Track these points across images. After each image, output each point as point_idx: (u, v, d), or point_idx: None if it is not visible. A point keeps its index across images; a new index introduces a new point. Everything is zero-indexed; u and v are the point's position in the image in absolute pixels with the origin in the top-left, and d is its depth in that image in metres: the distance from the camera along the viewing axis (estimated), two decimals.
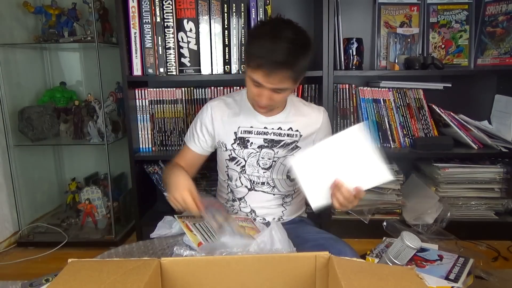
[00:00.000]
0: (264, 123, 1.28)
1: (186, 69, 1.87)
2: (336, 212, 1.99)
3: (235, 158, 1.29)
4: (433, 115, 1.98)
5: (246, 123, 1.28)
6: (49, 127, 2.09)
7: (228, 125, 1.30)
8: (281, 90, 1.12)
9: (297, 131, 1.28)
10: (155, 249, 1.17)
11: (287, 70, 1.07)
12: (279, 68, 1.06)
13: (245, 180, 1.30)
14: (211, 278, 0.72)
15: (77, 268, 0.67)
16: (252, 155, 1.28)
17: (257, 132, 1.27)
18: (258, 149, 1.27)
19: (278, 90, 1.12)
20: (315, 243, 1.13)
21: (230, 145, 1.29)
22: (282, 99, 1.19)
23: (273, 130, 1.27)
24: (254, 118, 1.28)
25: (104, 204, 2.12)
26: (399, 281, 0.62)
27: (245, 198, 1.31)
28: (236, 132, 1.28)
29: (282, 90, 1.13)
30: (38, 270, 1.75)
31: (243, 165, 1.29)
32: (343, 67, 1.91)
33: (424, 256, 1.34)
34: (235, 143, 1.28)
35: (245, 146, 1.28)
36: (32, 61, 2.19)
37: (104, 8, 2.03)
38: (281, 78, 1.08)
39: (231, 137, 1.29)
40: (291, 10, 2.09)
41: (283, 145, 1.28)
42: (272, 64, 1.05)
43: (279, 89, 1.12)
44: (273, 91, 1.12)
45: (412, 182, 2.07)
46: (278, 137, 1.27)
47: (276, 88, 1.11)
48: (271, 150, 1.27)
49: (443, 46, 2.04)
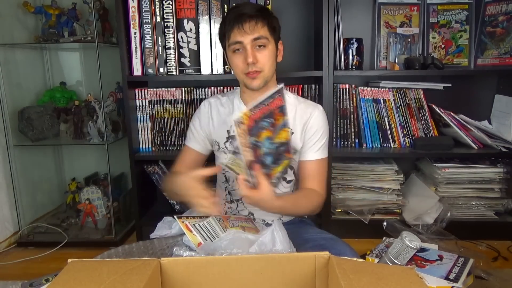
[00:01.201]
0: None
1: (186, 69, 1.87)
2: (336, 212, 1.99)
3: None
4: (433, 115, 1.98)
5: None
6: (49, 127, 2.09)
7: (222, 124, 1.31)
8: (261, 39, 1.16)
9: (290, 128, 1.27)
10: (155, 249, 1.17)
11: (256, 17, 1.15)
12: (248, 17, 1.15)
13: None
14: (211, 278, 0.72)
15: (77, 268, 0.67)
16: None
17: None
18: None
19: (259, 43, 1.16)
20: (315, 243, 1.13)
21: (222, 144, 1.30)
22: (267, 59, 1.20)
23: None
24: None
25: (104, 204, 2.12)
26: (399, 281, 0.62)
27: (243, 199, 1.31)
28: (229, 131, 1.29)
29: (262, 41, 1.16)
30: (38, 270, 1.75)
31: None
32: (343, 67, 1.91)
33: (424, 256, 1.34)
34: (227, 141, 1.29)
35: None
36: (32, 61, 2.19)
37: (104, 8, 2.03)
38: (254, 26, 1.15)
39: (224, 136, 1.30)
40: (291, 10, 2.09)
41: None
42: (241, 16, 1.15)
43: (258, 38, 1.16)
44: (254, 45, 1.16)
45: (412, 182, 2.07)
46: None
47: (256, 37, 1.15)
48: None
49: (443, 46, 2.04)
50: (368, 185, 1.97)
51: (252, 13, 1.16)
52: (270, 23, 1.19)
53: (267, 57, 1.19)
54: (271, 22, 1.19)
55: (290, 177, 1.31)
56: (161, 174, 1.93)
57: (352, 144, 1.99)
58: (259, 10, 1.19)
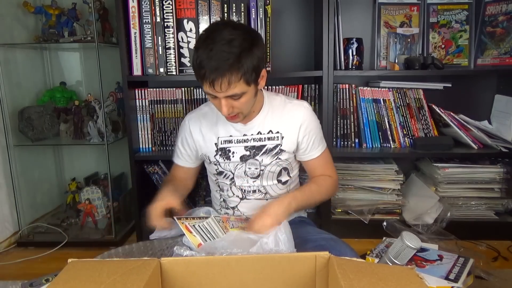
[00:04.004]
0: (243, 130, 1.25)
1: (186, 69, 1.87)
2: (336, 212, 1.99)
3: (223, 172, 1.28)
4: (433, 115, 1.98)
5: (224, 133, 1.26)
6: (49, 127, 2.09)
7: (208, 137, 1.27)
8: (237, 95, 1.06)
9: (278, 132, 1.24)
10: (155, 250, 1.17)
11: (230, 74, 1.01)
12: (221, 74, 1.00)
13: (236, 190, 1.29)
14: (211, 278, 0.72)
15: (77, 268, 0.67)
16: (238, 166, 1.26)
17: (237, 140, 1.25)
18: (242, 162, 1.25)
19: (234, 97, 1.07)
20: (315, 243, 1.13)
21: (213, 157, 1.27)
22: (246, 104, 1.11)
23: (252, 136, 1.24)
24: (231, 126, 1.25)
25: (104, 204, 2.12)
26: (399, 281, 0.62)
27: (238, 207, 1.31)
28: (217, 143, 1.26)
29: (238, 96, 1.07)
30: (38, 270, 1.75)
31: (232, 177, 1.28)
32: (343, 67, 1.91)
33: (424, 256, 1.34)
34: (217, 154, 1.27)
35: (228, 157, 1.26)
36: (32, 61, 2.19)
37: (104, 8, 2.03)
38: (228, 83, 1.02)
39: (212, 149, 1.27)
40: (291, 10, 2.09)
41: (266, 151, 1.24)
42: (213, 72, 1.00)
43: (233, 95, 1.06)
44: (229, 98, 1.07)
45: (412, 182, 2.07)
46: (259, 142, 1.24)
47: (229, 95, 1.05)
48: (256, 160, 1.25)
49: (443, 46, 2.04)
50: (368, 185, 1.97)
51: (223, 70, 1.00)
52: (246, 73, 1.03)
53: (244, 103, 1.10)
54: (247, 71, 1.03)
55: (285, 178, 1.30)
56: (161, 174, 1.93)
57: (352, 144, 1.99)
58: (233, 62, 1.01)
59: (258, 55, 1.06)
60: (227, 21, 1.12)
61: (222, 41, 1.01)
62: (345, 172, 1.99)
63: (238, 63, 1.01)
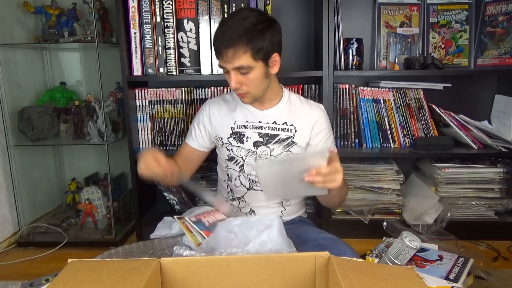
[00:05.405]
0: (259, 117, 1.29)
1: (186, 69, 1.87)
2: (336, 212, 1.99)
3: (234, 157, 1.30)
4: (433, 115, 1.98)
5: (242, 118, 1.30)
6: (49, 127, 2.09)
7: (225, 120, 1.32)
8: (243, 68, 1.13)
9: (292, 125, 1.28)
10: (155, 249, 1.17)
11: (237, 44, 1.10)
12: (229, 44, 1.10)
13: (244, 179, 1.30)
14: (211, 278, 0.72)
15: (77, 268, 0.67)
16: (249, 154, 1.28)
17: (252, 126, 1.29)
18: (255, 148, 1.28)
19: (241, 70, 1.14)
20: (315, 243, 1.13)
21: (226, 139, 1.30)
22: (254, 82, 1.17)
23: (267, 124, 1.28)
24: (249, 113, 1.30)
25: (104, 204, 2.12)
26: (399, 281, 0.62)
27: (244, 197, 1.32)
28: (233, 127, 1.30)
29: (244, 69, 1.13)
30: (38, 270, 1.75)
31: (242, 164, 1.29)
32: (343, 67, 1.91)
33: (424, 256, 1.34)
34: (231, 137, 1.30)
35: (241, 141, 1.29)
36: (32, 61, 2.19)
37: (104, 8, 2.03)
38: (233, 52, 1.11)
39: (227, 132, 1.31)
40: (291, 10, 2.09)
41: (278, 140, 1.27)
42: (223, 43, 1.11)
43: (240, 67, 1.13)
44: (237, 71, 1.14)
45: (412, 182, 2.07)
46: (273, 131, 1.28)
47: (236, 67, 1.13)
48: (267, 148, 1.27)
49: (443, 46, 2.04)
50: (368, 185, 1.97)
51: (232, 40, 1.10)
52: (254, 48, 1.12)
53: (252, 80, 1.16)
54: (255, 47, 1.12)
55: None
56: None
57: (352, 144, 1.99)
58: (242, 35, 1.10)
59: (269, 37, 1.14)
60: (247, 7, 1.20)
61: (238, 18, 1.14)
62: (345, 172, 1.95)
63: (246, 36, 1.10)
